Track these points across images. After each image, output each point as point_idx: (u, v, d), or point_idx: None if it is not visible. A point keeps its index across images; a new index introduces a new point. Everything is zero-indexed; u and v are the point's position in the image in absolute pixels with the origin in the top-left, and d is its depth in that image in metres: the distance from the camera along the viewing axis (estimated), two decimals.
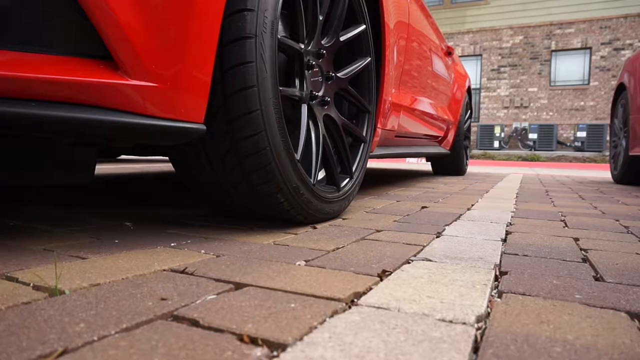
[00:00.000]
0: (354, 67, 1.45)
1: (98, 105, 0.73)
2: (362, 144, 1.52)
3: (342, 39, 1.35)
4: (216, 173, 1.05)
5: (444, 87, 3.18)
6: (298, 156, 1.12)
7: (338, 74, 1.36)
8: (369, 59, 1.51)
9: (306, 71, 1.20)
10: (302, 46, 1.17)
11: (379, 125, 1.72)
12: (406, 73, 2.12)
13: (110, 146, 1.26)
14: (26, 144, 0.86)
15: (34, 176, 0.88)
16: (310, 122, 1.23)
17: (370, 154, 1.74)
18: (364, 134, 1.53)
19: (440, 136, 3.32)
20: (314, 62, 1.24)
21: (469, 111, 4.30)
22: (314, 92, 1.23)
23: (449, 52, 3.34)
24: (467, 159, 4.35)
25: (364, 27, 1.46)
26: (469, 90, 4.14)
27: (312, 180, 1.16)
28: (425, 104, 2.59)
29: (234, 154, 0.99)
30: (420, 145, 2.86)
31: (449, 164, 4.06)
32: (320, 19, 1.22)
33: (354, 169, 1.44)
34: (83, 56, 0.72)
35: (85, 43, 0.72)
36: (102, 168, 3.68)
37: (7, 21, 0.65)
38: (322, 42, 1.27)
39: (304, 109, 1.20)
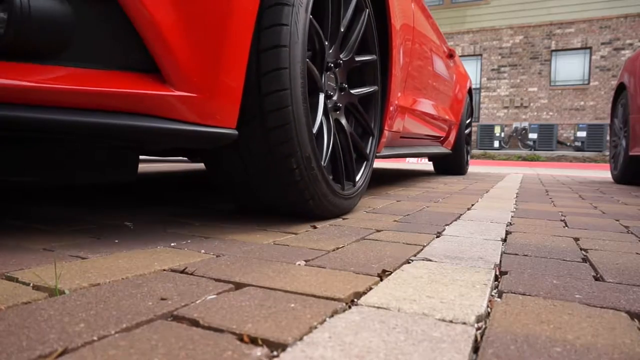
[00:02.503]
0: (365, 89, 1.56)
1: (148, 114, 0.83)
2: (366, 162, 1.58)
3: (357, 59, 1.48)
4: (247, 172, 1.14)
5: (446, 90, 3.28)
6: (322, 159, 1.21)
7: (350, 90, 1.48)
8: (376, 87, 1.62)
9: (325, 72, 1.29)
10: (327, 43, 1.26)
11: (386, 128, 1.81)
12: (411, 77, 2.21)
13: (153, 149, 1.35)
14: (79, 145, 0.93)
15: (87, 175, 0.96)
16: (325, 128, 1.29)
17: (377, 154, 1.83)
18: (368, 152, 1.59)
19: (442, 136, 3.41)
20: (332, 65, 1.33)
21: (470, 112, 4.41)
22: (330, 93, 1.28)
23: (450, 55, 3.47)
24: (468, 158, 4.45)
25: (374, 57, 1.58)
26: (470, 91, 4.24)
27: (330, 178, 1.24)
28: (428, 106, 2.68)
29: (269, 157, 1.09)
30: (423, 146, 2.95)
31: (451, 164, 4.15)
32: (342, 30, 1.34)
33: (357, 178, 1.50)
34: (135, 70, 0.82)
35: (137, 59, 0.82)
36: None
37: (70, 40, 0.76)
38: (341, 55, 1.39)
39: (325, 118, 1.30)
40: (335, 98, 1.37)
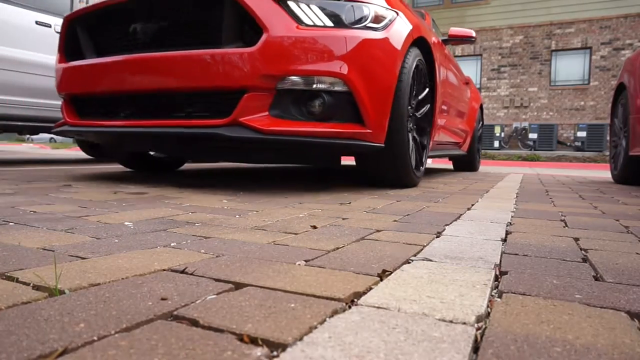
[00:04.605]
0: (424, 108, 2.74)
1: (357, 139, 2.02)
2: (424, 149, 2.81)
3: (419, 112, 2.69)
4: (381, 162, 2.34)
5: (464, 108, 4.53)
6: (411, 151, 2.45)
7: (417, 114, 2.64)
8: (429, 126, 2.89)
9: (410, 117, 2.48)
10: (411, 110, 2.49)
11: (432, 140, 2.96)
12: (443, 108, 3.36)
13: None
14: (322, 151, 2.23)
15: (323, 163, 2.23)
16: (412, 143, 2.48)
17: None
18: (426, 143, 2.85)
19: (460, 142, 4.57)
20: (410, 115, 2.48)
21: (481, 122, 5.76)
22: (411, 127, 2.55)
23: (466, 83, 4.75)
24: (479, 158, 5.75)
25: (429, 106, 2.83)
26: (481, 106, 5.61)
27: (413, 163, 2.47)
28: (452, 122, 3.85)
29: (392, 155, 2.30)
30: (447, 149, 4.10)
31: (466, 163, 5.49)
32: (414, 92, 2.52)
33: (423, 161, 2.76)
34: (353, 122, 2.02)
35: (355, 117, 2.02)
36: (104, 167, 3.67)
37: (334, 112, 1.98)
38: (412, 102, 2.51)
39: (411, 134, 2.47)
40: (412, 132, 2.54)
